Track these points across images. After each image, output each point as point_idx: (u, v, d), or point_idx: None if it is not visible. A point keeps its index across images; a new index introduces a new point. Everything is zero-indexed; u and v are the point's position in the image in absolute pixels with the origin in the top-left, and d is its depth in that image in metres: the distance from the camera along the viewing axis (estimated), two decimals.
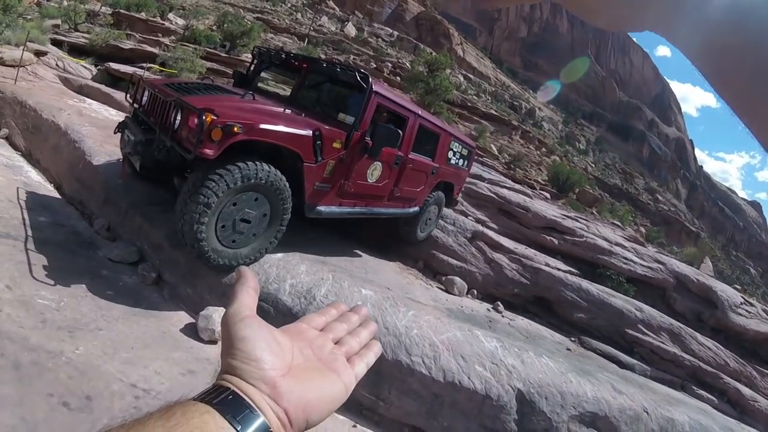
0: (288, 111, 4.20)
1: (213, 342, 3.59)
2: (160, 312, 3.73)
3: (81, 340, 2.98)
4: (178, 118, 3.70)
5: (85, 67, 12.58)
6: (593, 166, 69.18)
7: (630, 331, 6.59)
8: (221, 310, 3.69)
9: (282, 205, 3.94)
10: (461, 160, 6.77)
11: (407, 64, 43.28)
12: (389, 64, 45.95)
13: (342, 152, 4.32)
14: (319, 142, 4.03)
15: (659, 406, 4.25)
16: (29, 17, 14.75)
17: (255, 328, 0.51)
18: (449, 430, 3.52)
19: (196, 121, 3.33)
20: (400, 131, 4.58)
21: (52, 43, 13.24)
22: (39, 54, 10.82)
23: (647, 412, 4.07)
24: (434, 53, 28.59)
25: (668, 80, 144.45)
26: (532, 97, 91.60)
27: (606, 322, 6.64)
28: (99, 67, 13.43)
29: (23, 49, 8.94)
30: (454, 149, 6.42)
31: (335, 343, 0.60)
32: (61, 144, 5.80)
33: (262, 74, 5.70)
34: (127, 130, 4.51)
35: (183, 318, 3.78)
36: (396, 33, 71.11)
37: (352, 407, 3.54)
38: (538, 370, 3.91)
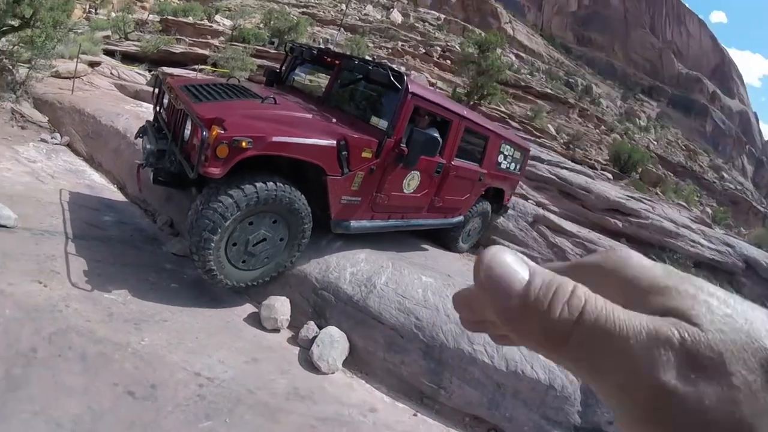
0: (313, 116, 3.84)
1: (276, 330, 3.65)
2: (223, 302, 3.81)
3: (146, 332, 3.11)
4: (188, 128, 3.44)
5: (138, 74, 13.06)
6: (655, 143, 65.55)
7: None
8: (283, 299, 3.79)
9: (301, 227, 3.68)
10: (513, 164, 6.17)
11: (457, 46, 42.31)
12: (438, 48, 45.22)
13: (373, 162, 3.91)
14: (344, 153, 3.64)
15: None
16: (80, 31, 15.50)
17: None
18: (511, 420, 3.43)
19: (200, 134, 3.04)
20: (439, 138, 4.15)
21: (104, 54, 13.84)
22: (93, 64, 11.19)
23: None
24: (483, 33, 27.86)
25: (726, 48, 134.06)
26: (588, 73, 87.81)
27: None
28: (152, 72, 13.96)
29: (77, 61, 9.21)
30: (505, 152, 5.84)
31: None
32: (121, 147, 6.05)
33: (298, 71, 5.36)
34: (145, 136, 4.17)
35: (246, 308, 3.86)
36: (443, 16, 70.00)
37: (413, 395, 3.51)
38: None
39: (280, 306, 3.69)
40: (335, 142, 3.59)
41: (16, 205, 4.09)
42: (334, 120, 3.94)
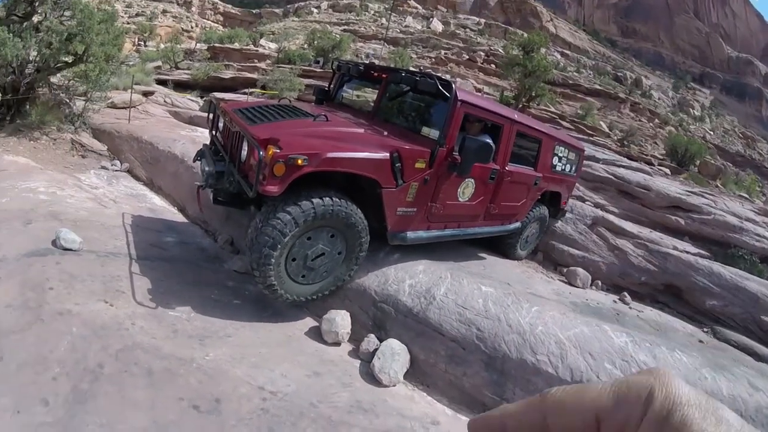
0: (365, 131, 3.84)
1: (336, 344, 3.66)
2: (285, 317, 3.85)
3: (210, 347, 3.16)
4: (244, 149, 3.52)
5: (191, 100, 13.63)
6: (711, 133, 62.26)
7: (766, 319, 5.82)
8: (343, 313, 3.79)
9: (358, 240, 3.70)
10: (568, 166, 6.01)
11: (500, 50, 41.91)
12: (482, 53, 44.97)
13: (427, 172, 3.88)
14: (398, 164, 3.63)
15: None
16: (131, 63, 16.38)
17: None
18: None
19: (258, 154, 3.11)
20: (492, 144, 4.08)
21: (157, 83, 14.55)
22: (147, 94, 11.77)
23: None
24: (526, 34, 27.40)
25: None
26: (636, 65, 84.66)
27: (740, 309, 6.03)
28: (204, 98, 14.53)
29: (131, 92, 9.69)
30: (560, 154, 5.70)
31: None
32: (180, 170, 6.28)
33: (346, 88, 5.41)
34: (203, 159, 4.30)
35: (307, 322, 3.89)
36: (482, 20, 69.53)
37: (475, 408, 3.40)
38: (671, 367, 3.57)
39: (341, 319, 3.69)
40: (388, 154, 3.58)
41: (81, 230, 4.28)
42: (386, 133, 3.94)
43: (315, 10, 62.21)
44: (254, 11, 79.38)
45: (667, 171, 16.42)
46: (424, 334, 3.65)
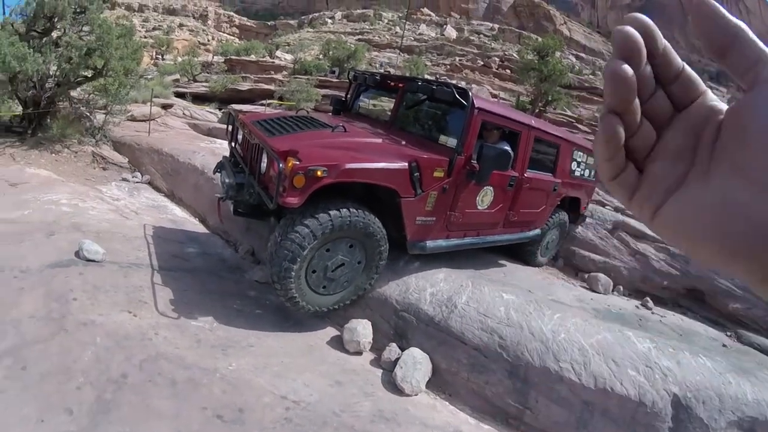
0: (383, 141, 3.85)
1: (358, 353, 3.65)
2: (307, 326, 3.85)
3: (233, 357, 3.18)
4: (264, 161, 3.54)
5: (210, 112, 13.79)
6: None
7: None
8: (364, 322, 3.79)
9: (377, 249, 3.69)
10: (587, 171, 5.95)
11: (515, 55, 41.83)
12: (496, 59, 44.97)
13: (445, 181, 3.87)
14: (417, 174, 3.62)
15: None
16: (150, 77, 16.64)
17: None
18: None
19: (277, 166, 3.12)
20: (510, 152, 4.04)
21: (175, 96, 14.75)
22: (166, 107, 11.93)
23: None
24: (540, 38, 27.27)
25: None
26: None
27: (764, 312, 5.95)
28: (222, 110, 14.70)
29: (150, 105, 9.86)
30: (578, 159, 5.65)
31: None
32: (200, 182, 6.34)
33: (362, 98, 5.43)
34: (223, 171, 4.32)
35: (329, 331, 3.89)
36: (496, 26, 69.60)
37: (498, 416, 3.38)
38: (695, 372, 3.54)
39: (362, 329, 3.69)
40: (407, 164, 3.58)
41: (103, 241, 4.34)
42: (404, 142, 3.94)
43: (329, 21, 62.83)
44: (269, 23, 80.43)
45: None
46: (445, 342, 3.63)
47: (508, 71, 39.45)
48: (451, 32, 59.17)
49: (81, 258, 3.97)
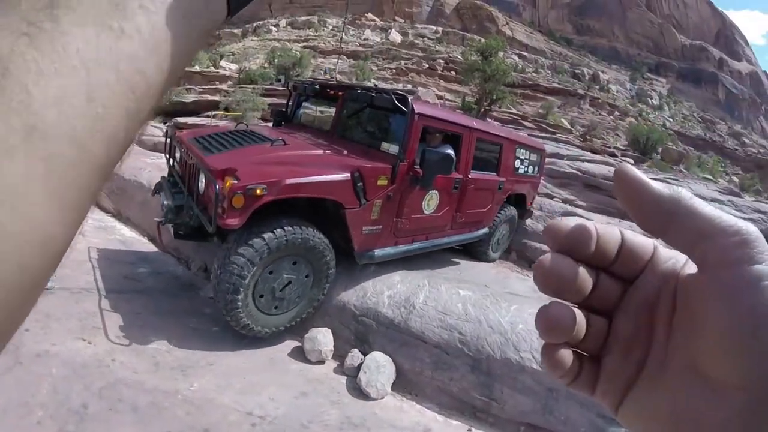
0: (324, 152, 3.82)
1: (321, 362, 3.65)
2: (266, 341, 3.80)
3: (194, 377, 3.13)
4: (201, 181, 3.44)
5: (154, 126, 13.42)
6: (671, 120, 64.64)
7: None
8: (324, 330, 3.81)
9: (322, 260, 3.65)
10: (531, 167, 6.12)
11: (459, 56, 42.64)
12: (441, 61, 45.66)
13: (389, 188, 3.86)
14: (360, 184, 3.60)
15: None
16: None
17: None
18: (566, 423, 3.34)
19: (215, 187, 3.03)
20: (453, 155, 4.10)
21: None
22: None
23: None
24: (483, 39, 27.97)
25: (724, 12, 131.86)
26: (593, 61, 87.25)
27: None
28: (167, 123, 14.32)
29: None
30: (521, 157, 5.79)
31: None
32: (147, 199, 6.15)
33: (303, 107, 5.39)
34: (161, 192, 4.14)
35: (289, 343, 3.86)
36: (440, 29, 70.70)
37: (465, 411, 3.45)
38: None
39: (323, 337, 3.70)
40: (349, 174, 3.57)
41: None
42: (345, 152, 3.93)
43: (273, 29, 62.19)
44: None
45: (631, 161, 16.95)
46: (407, 343, 3.69)
47: (453, 73, 40.19)
48: (396, 36, 59.72)
49: None
